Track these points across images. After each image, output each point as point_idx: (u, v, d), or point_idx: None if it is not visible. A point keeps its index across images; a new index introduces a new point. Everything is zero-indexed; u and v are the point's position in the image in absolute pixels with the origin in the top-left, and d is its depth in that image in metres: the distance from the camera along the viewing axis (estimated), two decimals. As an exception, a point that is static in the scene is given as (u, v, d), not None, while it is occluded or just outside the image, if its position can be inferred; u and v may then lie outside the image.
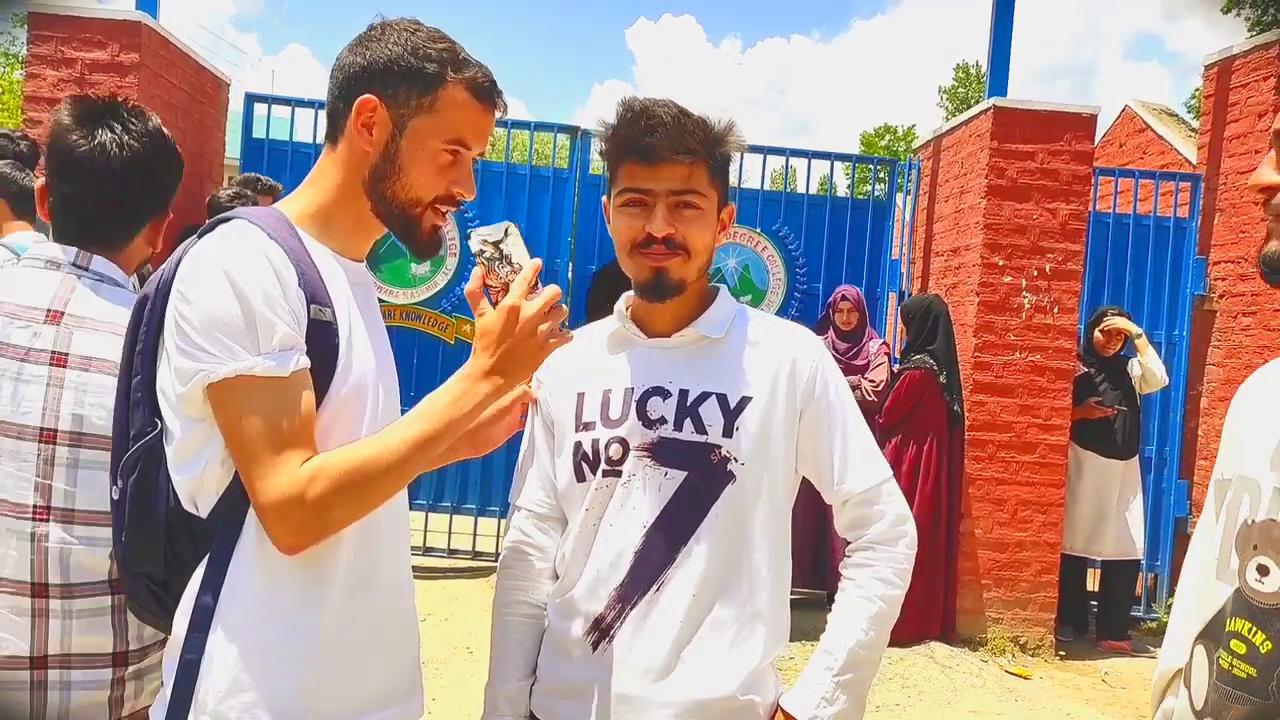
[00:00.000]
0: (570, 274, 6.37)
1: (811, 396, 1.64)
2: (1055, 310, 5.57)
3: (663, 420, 1.61)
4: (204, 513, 1.33)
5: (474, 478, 6.29)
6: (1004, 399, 5.58)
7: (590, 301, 5.78)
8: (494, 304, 1.38)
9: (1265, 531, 1.10)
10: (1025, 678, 5.16)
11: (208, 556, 1.33)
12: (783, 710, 1.58)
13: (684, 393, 1.61)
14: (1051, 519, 5.60)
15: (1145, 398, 5.94)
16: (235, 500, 1.32)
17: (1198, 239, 6.38)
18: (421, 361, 6.05)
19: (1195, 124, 8.33)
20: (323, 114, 5.69)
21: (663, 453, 1.60)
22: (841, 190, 6.45)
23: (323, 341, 1.34)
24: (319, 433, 1.32)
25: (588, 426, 1.64)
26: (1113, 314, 5.76)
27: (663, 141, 1.55)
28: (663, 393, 1.62)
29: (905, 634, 5.39)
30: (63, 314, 1.65)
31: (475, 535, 6.33)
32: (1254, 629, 1.08)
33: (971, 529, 5.58)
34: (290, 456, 1.27)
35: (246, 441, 1.27)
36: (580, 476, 1.64)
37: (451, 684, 4.35)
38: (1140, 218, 6.44)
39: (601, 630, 1.59)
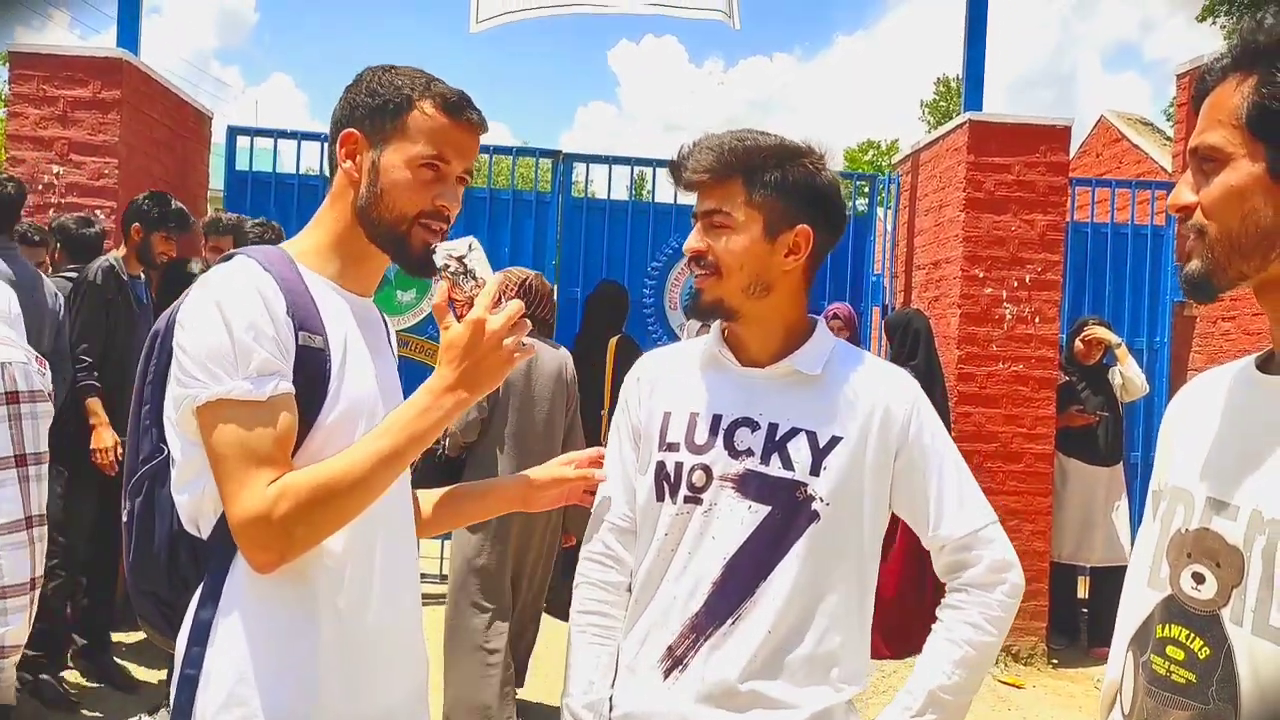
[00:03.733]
0: (555, 296, 6.39)
1: (906, 440, 1.60)
2: (1036, 320, 5.62)
3: (749, 452, 1.58)
4: (205, 534, 1.39)
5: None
6: (988, 409, 5.62)
7: (591, 322, 5.73)
8: (459, 318, 1.40)
9: (1198, 540, 1.11)
10: (1018, 686, 5.18)
11: (206, 575, 1.38)
12: None
13: (773, 426, 1.59)
14: (1040, 528, 5.63)
15: (1129, 404, 5.98)
16: None
17: (1175, 246, 6.45)
18: (409, 388, 6.01)
19: (1172, 132, 8.42)
20: (306, 144, 5.80)
21: (747, 485, 1.58)
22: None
23: (311, 367, 1.39)
24: (309, 458, 1.36)
25: (672, 447, 1.63)
26: (1093, 323, 5.81)
27: (687, 164, 1.59)
28: (751, 424, 1.59)
29: (897, 648, 5.40)
30: None
31: (441, 559, 6.05)
32: (1191, 635, 1.09)
33: (961, 540, 5.60)
34: (260, 475, 1.31)
35: (221, 460, 1.32)
36: (659, 496, 1.63)
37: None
38: (1118, 226, 6.52)
39: (675, 659, 1.58)
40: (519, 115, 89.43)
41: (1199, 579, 1.10)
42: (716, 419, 1.61)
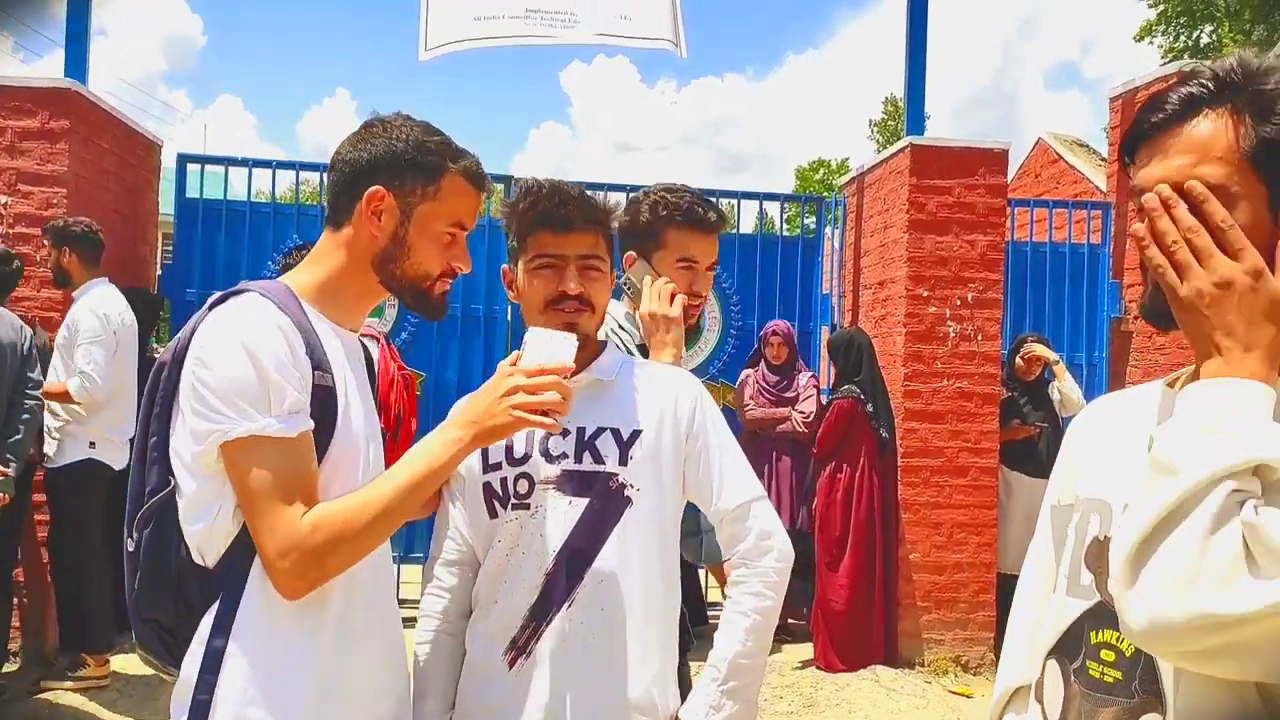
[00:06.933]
0: (509, 317, 6.45)
1: (693, 428, 1.84)
2: (979, 338, 5.78)
3: (564, 455, 1.78)
4: (211, 564, 1.46)
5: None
6: (934, 425, 5.76)
7: None
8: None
9: None
10: (968, 696, 5.29)
11: (217, 604, 1.45)
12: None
13: (581, 430, 1.79)
14: (986, 540, 5.77)
15: (1068, 418, 6.15)
16: (241, 552, 1.45)
17: (1111, 264, 6.66)
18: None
19: (1106, 152, 8.67)
20: (257, 171, 5.83)
21: (566, 483, 1.77)
22: (777, 227, 6.68)
23: (324, 404, 1.50)
24: (321, 486, 1.47)
25: (494, 467, 1.80)
26: (1032, 340, 5.98)
27: (575, 212, 1.78)
28: (562, 431, 1.77)
29: (849, 661, 5.51)
30: None
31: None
32: (1119, 636, 1.16)
33: (909, 553, 5.73)
34: (293, 509, 1.41)
35: (255, 496, 1.41)
36: (492, 514, 1.79)
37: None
38: (1056, 245, 6.72)
39: (519, 648, 1.73)
40: (472, 137, 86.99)
41: None
42: (530, 433, 1.78)
